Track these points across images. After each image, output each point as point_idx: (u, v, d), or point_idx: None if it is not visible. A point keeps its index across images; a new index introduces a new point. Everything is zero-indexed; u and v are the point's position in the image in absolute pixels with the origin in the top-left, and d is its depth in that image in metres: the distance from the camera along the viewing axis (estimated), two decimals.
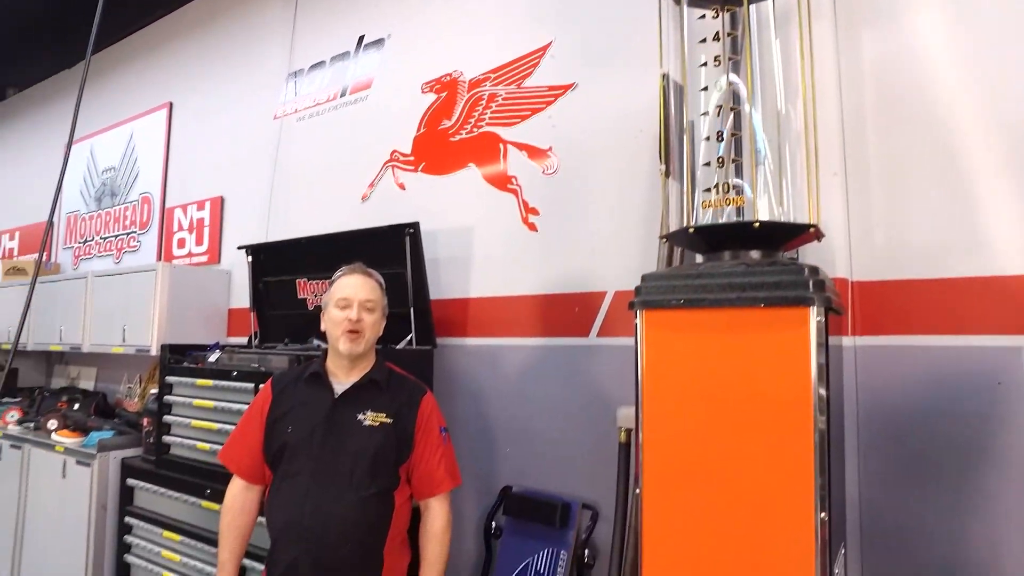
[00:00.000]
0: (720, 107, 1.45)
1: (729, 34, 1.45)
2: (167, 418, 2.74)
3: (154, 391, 2.99)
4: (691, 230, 1.45)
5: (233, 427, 2.01)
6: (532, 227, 2.50)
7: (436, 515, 1.86)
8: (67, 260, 5.08)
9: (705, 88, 1.45)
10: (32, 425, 3.75)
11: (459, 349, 2.63)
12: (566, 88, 2.46)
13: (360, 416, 1.82)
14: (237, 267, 3.66)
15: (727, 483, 1.31)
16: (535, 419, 2.44)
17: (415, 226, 2.45)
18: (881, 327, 1.86)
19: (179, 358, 2.81)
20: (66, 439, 3.33)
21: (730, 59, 1.47)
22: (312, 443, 1.80)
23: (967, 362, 1.73)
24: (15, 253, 5.65)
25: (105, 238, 4.69)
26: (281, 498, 1.80)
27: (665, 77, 1.56)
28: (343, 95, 3.20)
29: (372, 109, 3.08)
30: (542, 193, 2.50)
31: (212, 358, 2.64)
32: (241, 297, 3.61)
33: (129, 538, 2.88)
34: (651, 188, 2.24)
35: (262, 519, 1.91)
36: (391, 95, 3.01)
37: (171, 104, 4.25)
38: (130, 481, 2.91)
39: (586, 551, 2.15)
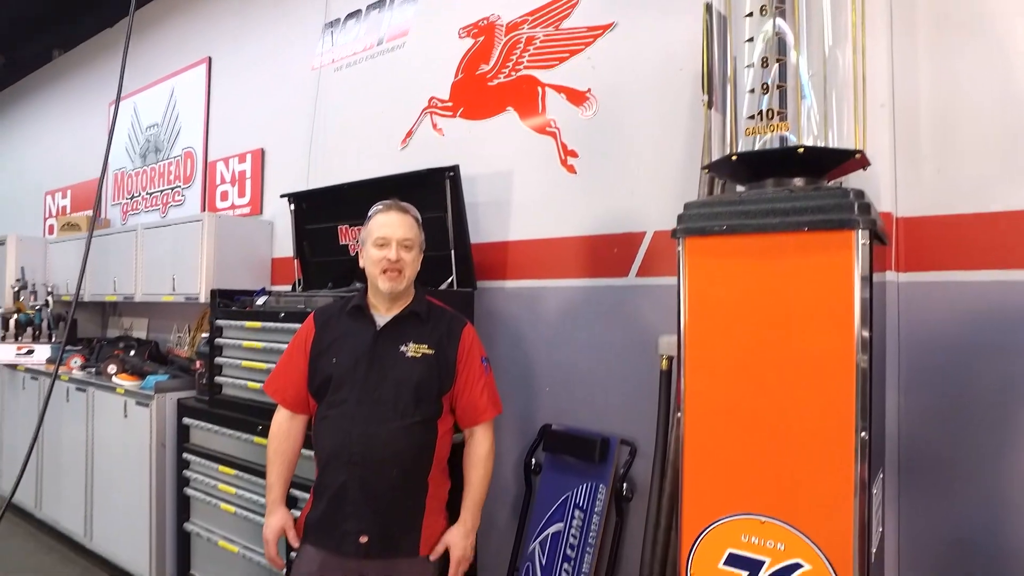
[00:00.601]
0: (765, 38, 1.43)
1: None
2: (218, 360, 2.85)
3: (205, 335, 3.11)
4: (734, 157, 1.44)
5: (263, 370, 2.08)
6: (571, 169, 2.51)
7: (480, 441, 1.92)
8: (116, 216, 5.24)
9: (750, 14, 1.43)
10: (93, 370, 3.94)
11: (499, 291, 2.68)
12: (605, 28, 2.43)
13: (402, 348, 1.87)
14: (279, 217, 3.75)
15: (769, 404, 1.34)
16: (574, 359, 2.49)
17: (455, 169, 2.48)
18: (926, 263, 1.84)
19: (227, 302, 2.91)
20: (125, 382, 3.50)
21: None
22: (357, 374, 1.85)
23: (1013, 297, 1.71)
24: (67, 210, 5.84)
25: (151, 193, 4.82)
26: (329, 425, 1.86)
27: (708, 7, 1.54)
28: (380, 44, 3.21)
29: (409, 56, 3.08)
30: (581, 135, 2.49)
31: (259, 301, 2.73)
32: (284, 246, 3.71)
33: (187, 473, 3.04)
34: (691, 129, 2.23)
35: (306, 451, 2.01)
36: (428, 42, 3.01)
37: (210, 59, 4.31)
38: (186, 420, 3.04)
39: (624, 485, 2.21)
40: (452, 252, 2.51)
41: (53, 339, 4.59)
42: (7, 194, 6.97)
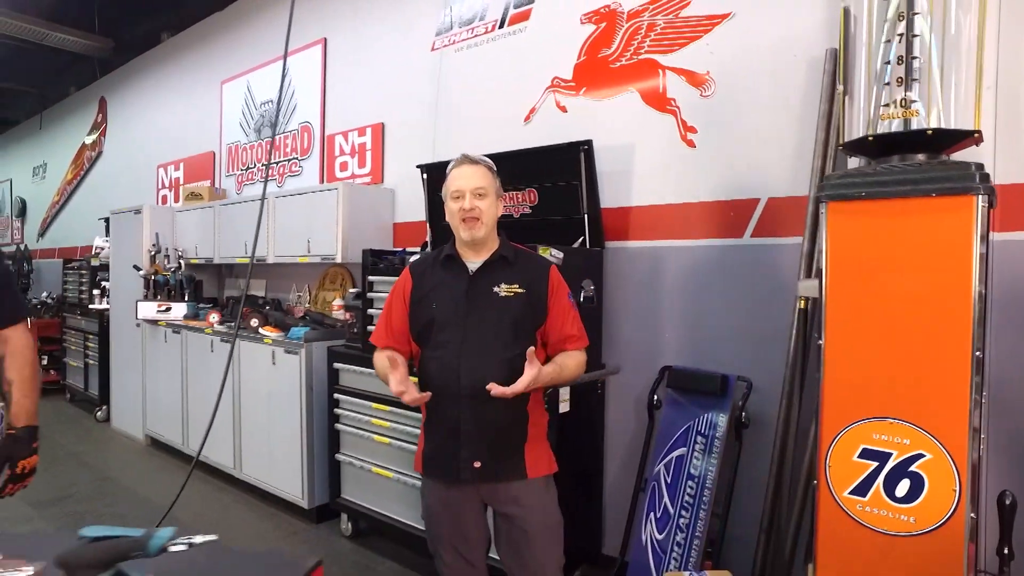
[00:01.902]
0: (899, 32, 1.76)
1: None
2: (370, 311, 3.30)
3: (353, 290, 3.57)
4: (870, 138, 1.79)
5: None
6: (690, 143, 2.85)
7: (574, 352, 2.05)
8: (230, 186, 5.74)
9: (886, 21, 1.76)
10: (232, 324, 4.46)
11: (621, 250, 3.05)
12: (723, 17, 2.75)
13: (495, 289, 1.99)
14: (400, 185, 4.17)
15: (898, 331, 1.70)
16: (691, 308, 2.87)
17: (588, 143, 2.84)
18: (1020, 223, 2.17)
19: (376, 260, 3.35)
20: (271, 333, 4.00)
21: None
22: (457, 315, 1.98)
23: None
24: (181, 182, 6.37)
25: (267, 165, 5.29)
26: (436, 364, 1.99)
27: (846, 11, 1.87)
28: (501, 26, 3.56)
29: (530, 39, 3.43)
30: (700, 113, 2.83)
31: (414, 259, 3.14)
32: (404, 212, 4.14)
33: (337, 410, 3.52)
34: (803, 108, 2.55)
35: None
36: (549, 26, 3.35)
37: (325, 40, 4.71)
38: (336, 365, 3.52)
39: (743, 414, 2.60)
40: (585, 216, 2.89)
41: (186, 297, 5.13)
42: (121, 167, 7.57)
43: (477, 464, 1.96)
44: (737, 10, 2.72)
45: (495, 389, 1.82)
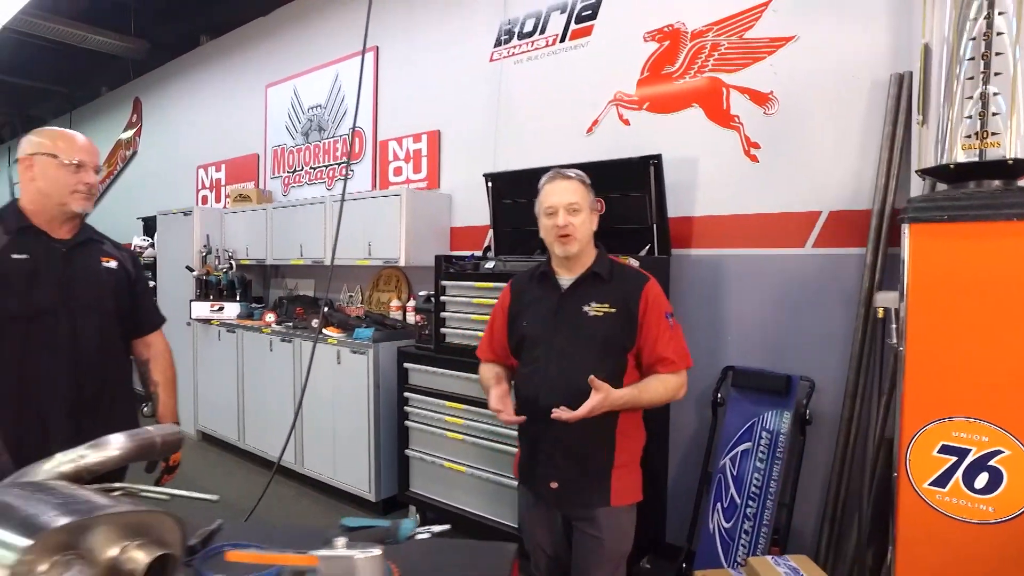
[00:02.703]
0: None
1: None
2: (443, 314, 3.49)
3: (424, 293, 3.76)
4: (952, 166, 1.98)
5: None
6: (753, 159, 3.04)
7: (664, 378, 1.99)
8: (276, 188, 5.91)
9: (971, 58, 1.95)
10: (290, 324, 4.66)
11: (685, 258, 3.24)
12: (787, 40, 2.93)
13: (585, 308, 1.98)
14: (457, 191, 4.35)
15: (975, 339, 1.90)
16: (753, 312, 3.06)
17: (658, 157, 3.02)
18: None
19: (448, 265, 3.53)
20: (335, 333, 4.19)
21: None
22: (545, 334, 2.01)
23: None
24: (223, 183, 6.54)
25: (315, 168, 5.46)
26: (525, 381, 2.06)
27: (925, 48, 2.05)
28: (562, 41, 3.73)
29: (592, 54, 3.60)
30: (763, 130, 3.02)
31: (489, 265, 3.34)
32: (462, 217, 4.32)
33: (407, 408, 3.71)
34: (865, 126, 2.74)
35: None
36: (612, 43, 3.52)
37: (377, 48, 4.87)
38: (406, 364, 3.70)
39: (807, 411, 2.80)
40: (654, 225, 3.08)
41: (238, 298, 5.31)
42: (157, 167, 7.73)
43: (554, 485, 1.99)
44: (801, 34, 2.89)
45: (557, 413, 1.81)
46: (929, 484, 1.99)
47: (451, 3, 4.36)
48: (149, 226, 6.76)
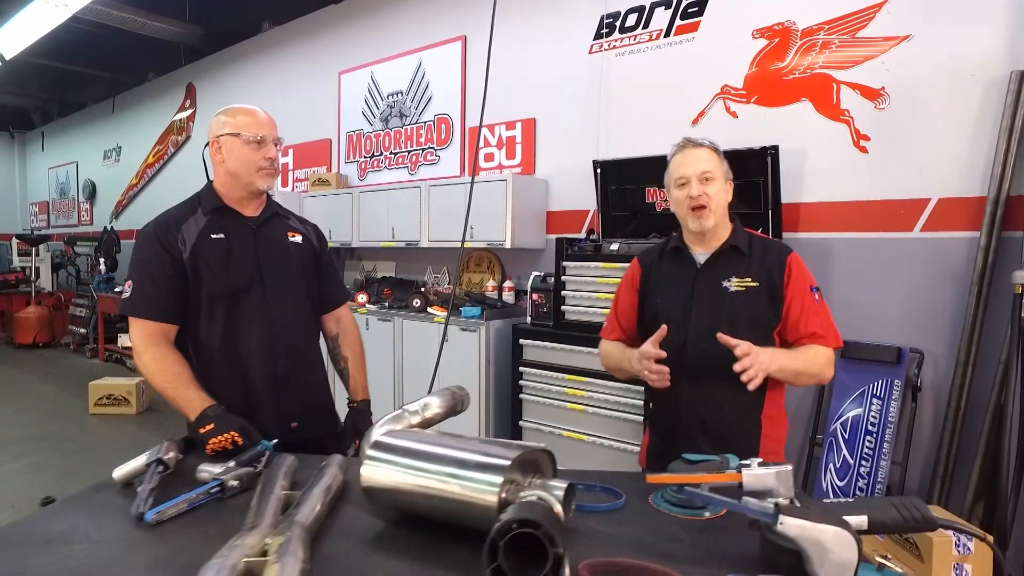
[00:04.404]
0: None
1: None
2: (563, 292, 3.76)
3: (538, 273, 4.04)
4: None
5: None
6: (863, 149, 3.30)
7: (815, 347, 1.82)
8: (351, 172, 6.13)
9: None
10: (385, 304, 4.92)
11: (793, 240, 3.51)
12: (901, 39, 3.17)
13: (725, 283, 1.85)
14: (553, 177, 4.59)
15: None
16: (862, 289, 3.34)
17: (775, 148, 3.28)
18: None
19: (570, 246, 3.79)
20: (440, 312, 4.46)
21: None
22: (683, 312, 1.87)
23: None
24: (290, 167, 6.75)
25: (396, 153, 5.68)
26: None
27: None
28: (667, 35, 3.96)
29: (699, 49, 3.84)
30: (873, 123, 3.27)
31: (614, 246, 3.60)
32: (558, 202, 4.58)
33: (521, 382, 3.99)
34: (977, 120, 3.00)
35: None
36: (719, 38, 3.76)
37: (465, 37, 5.08)
38: (522, 340, 3.98)
39: (919, 379, 3.10)
40: (769, 211, 3.35)
41: None
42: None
43: None
44: (916, 32, 3.14)
45: (723, 338, 1.65)
46: None
47: None
48: None
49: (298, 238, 2.08)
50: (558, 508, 1.10)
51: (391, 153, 5.73)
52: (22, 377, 7.72)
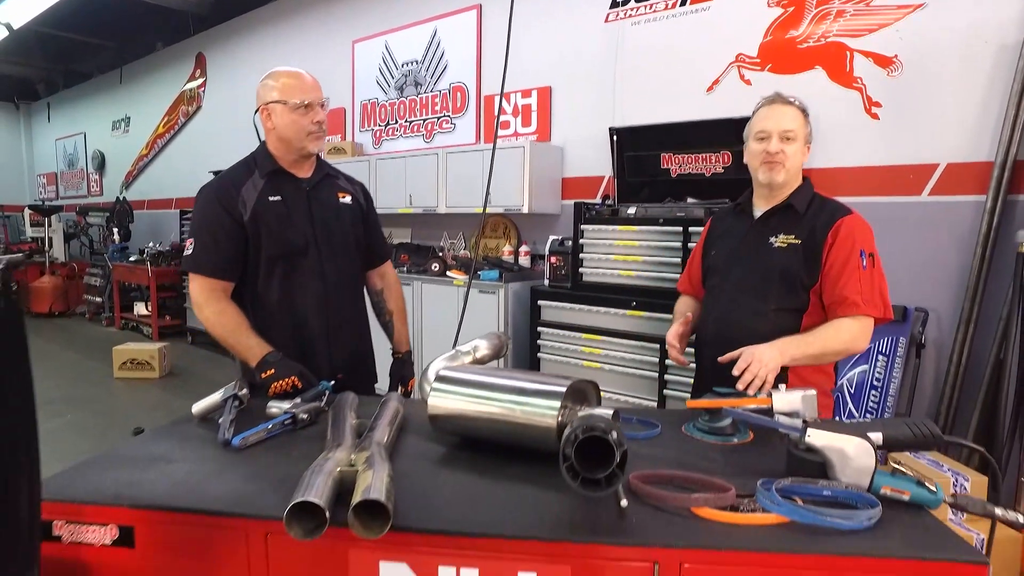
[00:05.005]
0: None
1: None
2: (581, 255, 3.90)
3: (556, 237, 4.17)
4: None
5: (639, 261, 3.07)
6: (874, 116, 3.41)
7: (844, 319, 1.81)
8: (365, 140, 6.23)
9: None
10: (404, 268, 5.05)
11: None
12: (916, 7, 3.26)
13: (771, 239, 1.90)
14: (568, 144, 4.70)
15: None
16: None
17: None
18: None
19: (588, 210, 3.92)
20: (459, 276, 4.60)
21: None
22: (727, 263, 1.99)
23: None
24: None
25: (411, 121, 5.77)
26: (702, 318, 2.07)
27: None
28: (682, 4, 4.04)
29: (714, 18, 3.92)
30: (885, 90, 3.37)
31: (631, 211, 3.73)
32: (573, 169, 4.69)
33: (539, 342, 4.15)
34: (988, 86, 3.10)
35: None
36: (735, 7, 3.83)
37: (480, 6, 5.14)
38: (540, 302, 4.12)
39: (923, 337, 3.25)
40: None
41: None
42: (225, 122, 7.97)
43: None
44: (930, 1, 3.22)
45: (724, 358, 1.71)
46: None
47: None
48: None
49: (347, 198, 2.19)
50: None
51: (406, 121, 5.83)
52: (43, 345, 7.89)
